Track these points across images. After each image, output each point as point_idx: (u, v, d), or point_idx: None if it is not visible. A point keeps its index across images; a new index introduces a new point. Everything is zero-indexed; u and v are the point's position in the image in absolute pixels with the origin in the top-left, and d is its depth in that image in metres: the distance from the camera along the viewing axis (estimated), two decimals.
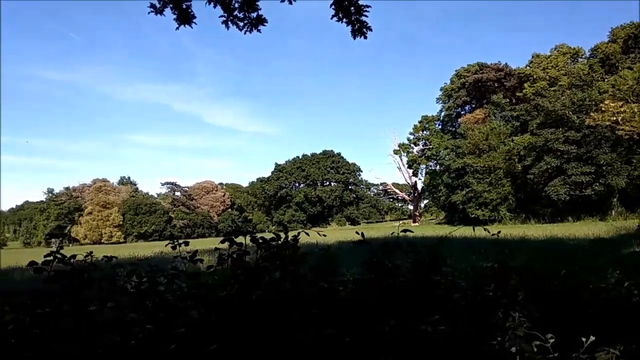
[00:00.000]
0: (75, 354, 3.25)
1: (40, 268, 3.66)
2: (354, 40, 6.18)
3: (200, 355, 2.70)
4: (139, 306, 3.57)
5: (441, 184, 65.71)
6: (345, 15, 5.73)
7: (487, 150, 54.89)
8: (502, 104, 61.02)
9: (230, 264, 3.57)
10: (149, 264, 3.84)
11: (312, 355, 2.91)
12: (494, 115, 61.40)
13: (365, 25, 5.84)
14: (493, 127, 57.12)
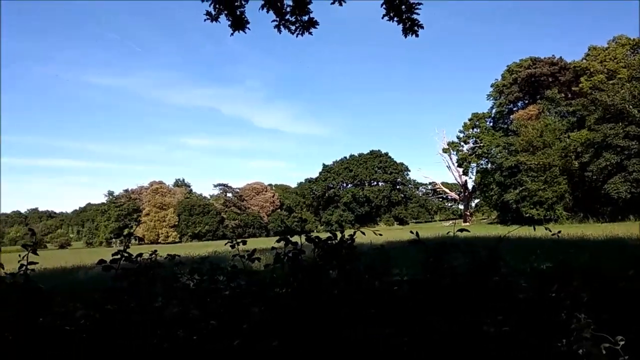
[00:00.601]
0: (143, 348, 3.42)
1: (108, 266, 3.86)
2: (405, 38, 6.14)
3: (263, 350, 2.77)
4: (201, 303, 3.70)
5: (493, 182, 63.76)
6: (397, 14, 5.70)
7: (542, 148, 52.77)
8: (557, 99, 58.51)
9: (288, 263, 3.63)
10: (209, 262, 3.97)
11: (373, 354, 2.93)
12: (549, 111, 58.97)
13: (416, 23, 5.78)
14: (548, 123, 54.86)
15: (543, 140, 52.93)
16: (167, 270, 4.12)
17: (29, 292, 3.51)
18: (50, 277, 15.52)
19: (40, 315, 3.40)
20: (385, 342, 3.14)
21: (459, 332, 3.22)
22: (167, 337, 3.46)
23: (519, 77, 66.18)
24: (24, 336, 3.29)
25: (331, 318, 3.08)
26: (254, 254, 3.87)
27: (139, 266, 3.81)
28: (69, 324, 3.41)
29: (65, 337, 3.32)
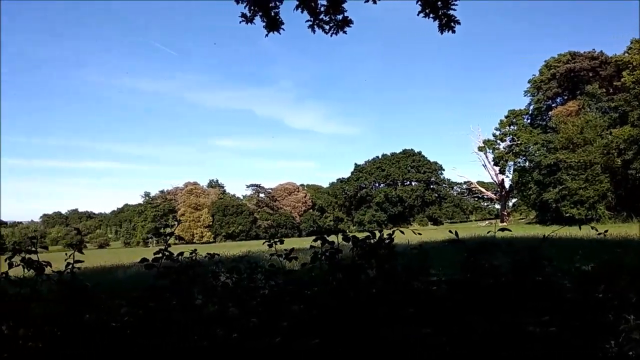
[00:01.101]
0: (183, 345, 3.48)
1: (150, 264, 3.96)
2: (440, 35, 6.06)
3: (304, 348, 2.78)
4: (239, 301, 3.75)
5: (531, 181, 62.12)
6: (432, 10, 5.63)
7: (582, 145, 51.08)
8: (597, 94, 56.48)
9: (326, 262, 3.64)
10: (247, 261, 4.01)
11: (411, 353, 2.90)
12: (589, 106, 56.99)
13: (453, 19, 5.69)
14: (588, 119, 53.05)
15: (584, 137, 51.23)
16: (206, 269, 4.19)
17: (76, 290, 3.64)
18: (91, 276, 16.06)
19: (87, 312, 3.52)
20: (423, 342, 3.10)
21: (500, 332, 3.15)
22: (206, 335, 3.51)
23: (558, 73, 64.25)
24: (71, 331, 3.40)
25: (369, 317, 3.07)
26: (291, 253, 3.90)
27: (180, 265, 3.89)
28: (114, 321, 3.51)
29: (110, 333, 3.42)
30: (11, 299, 3.62)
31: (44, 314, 3.61)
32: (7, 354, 3.36)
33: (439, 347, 3.10)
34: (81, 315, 3.49)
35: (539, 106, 70.06)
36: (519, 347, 2.87)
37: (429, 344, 3.09)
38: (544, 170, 56.66)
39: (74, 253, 3.81)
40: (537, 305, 3.33)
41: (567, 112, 58.34)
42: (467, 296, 3.56)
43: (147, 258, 4.01)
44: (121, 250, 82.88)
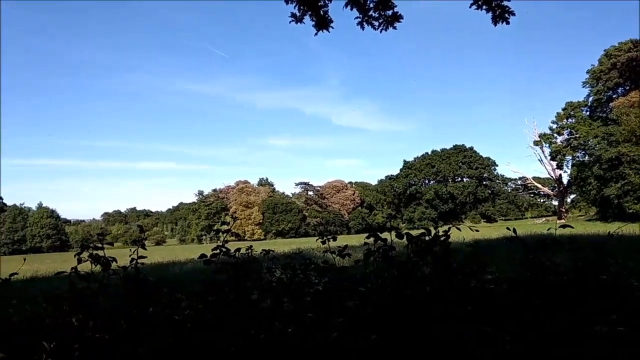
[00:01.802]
0: (241, 338, 3.58)
1: (209, 260, 4.09)
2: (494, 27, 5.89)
3: (361, 344, 2.80)
4: (294, 297, 3.81)
5: (591, 176, 59.21)
6: (485, 1, 5.48)
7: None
8: None
9: (379, 259, 3.63)
10: (302, 257, 4.07)
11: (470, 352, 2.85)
12: None
13: (507, 10, 5.52)
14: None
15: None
16: (261, 266, 4.29)
17: (140, 284, 3.81)
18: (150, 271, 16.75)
19: (151, 305, 3.68)
20: (482, 340, 3.04)
21: (562, 330, 3.04)
22: (263, 329, 3.59)
23: (619, 62, 60.88)
24: (137, 324, 3.57)
25: (425, 315, 3.04)
26: (345, 250, 3.92)
27: (237, 261, 4.00)
28: (176, 314, 3.66)
29: (173, 326, 3.56)
30: (80, 293, 3.84)
31: (111, 307, 3.80)
32: (78, 344, 3.56)
33: (498, 346, 3.03)
34: (146, 308, 3.66)
35: (599, 97, 66.63)
36: (584, 346, 2.76)
37: (487, 343, 3.03)
38: (604, 165, 53.86)
39: (138, 249, 3.99)
40: (602, 304, 3.18)
41: (630, 103, 55.15)
42: (527, 294, 3.46)
43: (206, 254, 4.14)
44: (177, 247, 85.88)
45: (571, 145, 69.58)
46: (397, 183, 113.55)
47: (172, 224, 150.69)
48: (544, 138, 75.60)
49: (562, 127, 72.69)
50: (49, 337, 3.50)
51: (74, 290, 3.83)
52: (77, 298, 3.82)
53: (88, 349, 3.51)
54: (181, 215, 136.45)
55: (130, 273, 3.91)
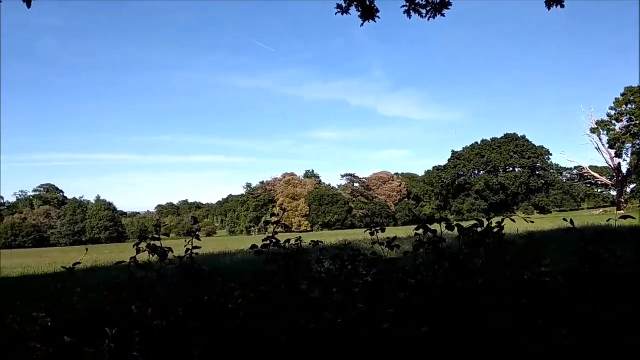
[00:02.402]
0: (292, 327, 3.64)
1: (260, 251, 4.18)
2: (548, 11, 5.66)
3: (412, 335, 2.79)
4: (343, 288, 3.83)
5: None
6: None
7: None
8: None
9: (430, 251, 3.60)
10: (351, 249, 4.09)
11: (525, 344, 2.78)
12: None
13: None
14: None
15: None
16: (310, 257, 4.33)
17: (195, 273, 3.95)
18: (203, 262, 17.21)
19: (206, 294, 3.81)
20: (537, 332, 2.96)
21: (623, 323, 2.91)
22: (313, 319, 3.64)
23: None
24: (193, 312, 3.71)
25: (478, 308, 2.98)
26: (394, 241, 3.90)
27: (287, 252, 4.06)
28: (230, 303, 3.77)
29: (227, 314, 3.67)
30: (139, 282, 4.02)
31: (168, 296, 3.96)
32: (139, 330, 3.74)
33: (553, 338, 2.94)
34: (201, 297, 3.79)
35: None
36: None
37: (542, 335, 2.94)
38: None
39: (192, 240, 4.13)
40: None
41: None
42: (584, 287, 3.33)
43: (257, 245, 4.23)
44: (227, 238, 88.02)
45: (631, 132, 65.85)
46: (445, 174, 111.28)
47: (222, 215, 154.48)
48: (601, 125, 71.91)
49: (621, 113, 68.87)
50: (111, 323, 3.68)
51: (133, 279, 4.01)
52: (136, 287, 4.00)
53: (147, 336, 3.67)
54: (230, 207, 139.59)
55: (185, 263, 4.05)
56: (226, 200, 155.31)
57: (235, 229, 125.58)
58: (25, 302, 4.59)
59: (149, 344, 3.57)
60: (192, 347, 3.41)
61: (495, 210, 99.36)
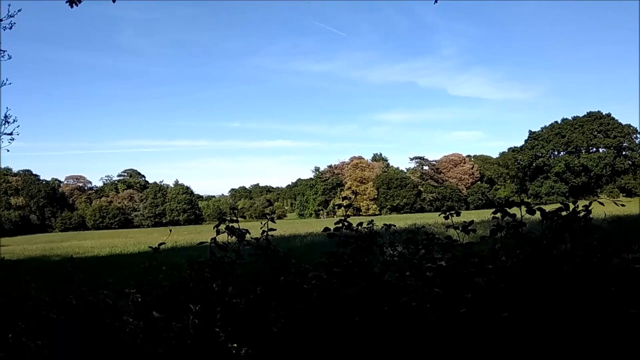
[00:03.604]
0: (365, 308, 3.68)
1: (332, 233, 4.23)
2: None
3: (491, 320, 2.73)
4: (417, 271, 3.80)
5: None
6: None
7: None
8: None
9: (508, 236, 3.47)
10: (425, 232, 4.04)
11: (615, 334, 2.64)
12: None
13: None
14: None
15: None
16: (383, 239, 4.32)
17: (271, 254, 4.08)
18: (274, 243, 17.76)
19: (282, 274, 3.93)
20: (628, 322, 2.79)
21: None
22: (387, 301, 3.66)
23: None
24: (270, 291, 3.85)
25: (563, 295, 2.85)
26: (470, 225, 3.80)
27: (359, 234, 4.08)
28: (305, 283, 3.87)
29: (302, 294, 3.77)
30: (219, 261, 4.22)
31: (247, 275, 4.13)
32: (220, 307, 3.94)
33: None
34: (277, 277, 3.92)
35: None
36: None
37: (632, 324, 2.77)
38: None
39: (268, 222, 4.26)
40: None
41: None
42: None
43: (329, 228, 4.29)
44: (296, 221, 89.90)
45: None
46: (521, 155, 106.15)
47: (291, 199, 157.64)
48: None
49: None
50: (194, 300, 3.91)
51: (214, 258, 4.22)
52: (216, 266, 4.20)
53: (227, 312, 3.87)
54: (299, 190, 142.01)
55: (262, 244, 4.19)
56: (295, 184, 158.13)
57: (304, 211, 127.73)
58: (116, 279, 4.97)
59: (230, 321, 3.76)
60: (270, 324, 3.55)
61: (577, 194, 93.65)
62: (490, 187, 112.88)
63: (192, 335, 3.55)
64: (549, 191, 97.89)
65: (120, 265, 16.04)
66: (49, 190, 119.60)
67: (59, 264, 19.48)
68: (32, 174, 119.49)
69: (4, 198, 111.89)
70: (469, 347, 2.82)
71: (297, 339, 3.57)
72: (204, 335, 3.59)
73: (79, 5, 5.59)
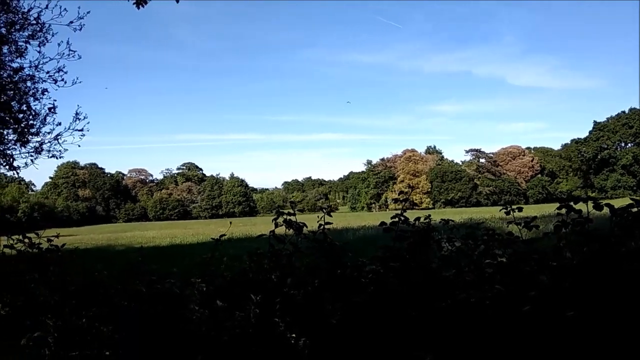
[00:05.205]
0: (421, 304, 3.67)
1: (389, 228, 4.24)
2: None
3: (555, 319, 2.66)
4: (476, 267, 3.75)
5: None
6: None
7: None
8: None
9: (572, 232, 3.35)
10: (485, 228, 3.97)
11: None
12: None
13: None
14: None
15: None
16: (440, 234, 4.29)
17: (328, 247, 4.15)
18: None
19: (338, 267, 3.99)
20: None
21: None
22: (445, 297, 3.63)
23: None
24: (327, 283, 3.92)
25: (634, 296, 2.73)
26: (533, 221, 3.70)
27: (416, 229, 4.07)
28: (361, 276, 3.91)
29: (359, 287, 3.82)
30: (278, 253, 4.34)
31: (304, 267, 4.22)
32: (279, 298, 4.05)
33: None
34: (334, 269, 3.98)
35: None
36: None
37: None
38: None
39: (324, 216, 4.33)
40: None
41: None
42: None
43: (385, 222, 4.30)
44: (348, 214, 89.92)
45: None
46: (585, 147, 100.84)
47: (343, 192, 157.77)
48: None
49: None
50: (254, 290, 4.04)
51: (272, 250, 4.34)
52: (275, 257, 4.32)
53: (286, 303, 3.97)
54: (351, 184, 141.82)
55: (319, 237, 4.26)
56: (347, 177, 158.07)
57: (356, 205, 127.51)
58: (178, 268, 5.20)
59: (288, 311, 3.86)
60: (328, 316, 3.62)
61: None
62: (552, 181, 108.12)
63: (253, 325, 3.68)
64: (615, 185, 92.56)
65: (181, 255, 16.71)
66: (114, 183, 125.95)
67: (123, 253, 20.58)
68: (98, 167, 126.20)
69: (73, 190, 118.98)
70: (531, 345, 2.76)
71: (354, 331, 3.62)
72: (265, 324, 3.71)
73: (145, 6, 5.84)
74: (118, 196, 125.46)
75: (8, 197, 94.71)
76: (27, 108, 12.63)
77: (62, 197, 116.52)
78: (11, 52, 12.12)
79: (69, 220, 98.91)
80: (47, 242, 4.71)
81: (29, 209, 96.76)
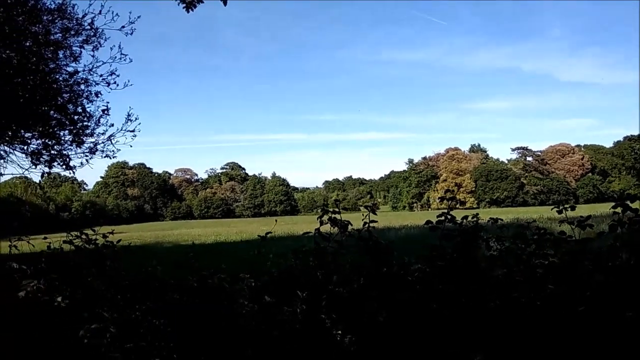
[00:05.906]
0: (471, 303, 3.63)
1: (435, 226, 4.21)
2: None
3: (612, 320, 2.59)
4: (527, 267, 3.68)
5: None
6: None
7: None
8: None
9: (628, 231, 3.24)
10: (537, 227, 3.89)
11: None
12: None
13: None
14: None
15: None
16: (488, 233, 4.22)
17: (373, 246, 4.16)
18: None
19: (384, 265, 4.00)
20: None
21: None
22: (495, 297, 3.58)
23: None
24: (373, 281, 3.94)
25: None
26: (587, 220, 3.58)
27: (463, 228, 4.02)
28: (408, 275, 3.90)
29: (405, 285, 3.82)
30: (323, 251, 4.38)
31: (349, 265, 4.25)
32: (324, 295, 4.10)
33: None
34: (379, 268, 3.99)
35: None
36: None
37: None
38: None
39: (369, 214, 4.34)
40: None
41: None
42: None
43: (431, 220, 4.27)
44: (389, 213, 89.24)
45: None
46: (639, 144, 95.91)
47: (384, 191, 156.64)
48: None
49: None
50: (300, 287, 4.10)
51: (318, 248, 4.39)
52: (320, 255, 4.37)
53: (332, 300, 4.01)
54: (392, 183, 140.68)
55: (364, 235, 4.28)
56: (388, 176, 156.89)
57: (398, 204, 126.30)
58: (227, 265, 5.34)
59: (334, 308, 3.90)
60: (375, 314, 3.64)
61: None
62: (603, 180, 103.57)
63: (300, 320, 3.74)
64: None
65: (225, 253, 17.10)
66: (161, 182, 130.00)
67: (171, 250, 21.24)
68: (146, 167, 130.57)
69: (122, 189, 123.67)
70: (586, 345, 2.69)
71: (401, 329, 3.62)
72: (311, 320, 3.76)
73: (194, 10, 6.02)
74: (165, 195, 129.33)
75: (62, 195, 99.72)
76: (82, 110, 13.27)
77: (112, 195, 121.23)
78: (66, 56, 12.75)
79: (119, 218, 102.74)
80: (102, 238, 4.94)
81: (81, 207, 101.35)
